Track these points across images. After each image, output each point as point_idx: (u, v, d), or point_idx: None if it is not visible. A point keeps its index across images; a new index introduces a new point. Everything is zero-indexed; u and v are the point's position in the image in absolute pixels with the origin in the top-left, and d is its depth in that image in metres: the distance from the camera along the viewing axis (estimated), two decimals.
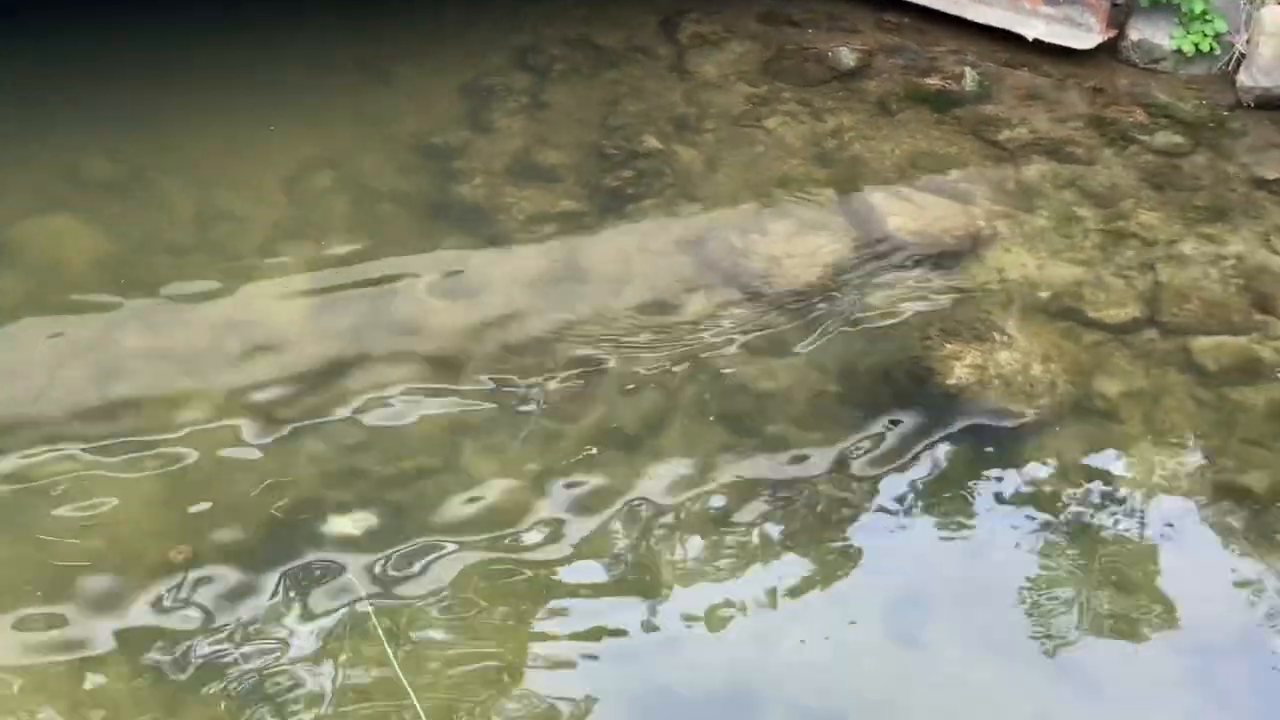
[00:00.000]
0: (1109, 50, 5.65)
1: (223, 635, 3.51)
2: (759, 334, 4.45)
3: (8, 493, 3.77)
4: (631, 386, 4.26)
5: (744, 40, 5.72)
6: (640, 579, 3.76)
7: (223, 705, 3.38)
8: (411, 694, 3.40)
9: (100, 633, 3.50)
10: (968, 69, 5.61)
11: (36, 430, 3.95)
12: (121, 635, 3.49)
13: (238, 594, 3.59)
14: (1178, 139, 5.32)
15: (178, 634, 3.50)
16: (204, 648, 3.48)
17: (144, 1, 5.31)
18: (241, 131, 5.01)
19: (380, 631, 3.53)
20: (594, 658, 3.58)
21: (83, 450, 3.90)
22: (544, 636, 3.61)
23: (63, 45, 5.17)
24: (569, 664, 3.56)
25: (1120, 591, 3.82)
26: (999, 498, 4.06)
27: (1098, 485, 4.09)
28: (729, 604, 3.71)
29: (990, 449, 4.15)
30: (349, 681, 3.45)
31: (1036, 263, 4.77)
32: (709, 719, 3.50)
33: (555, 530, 3.84)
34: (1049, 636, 3.72)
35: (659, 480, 4.00)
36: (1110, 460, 4.17)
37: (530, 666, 3.54)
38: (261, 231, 4.65)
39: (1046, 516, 4.01)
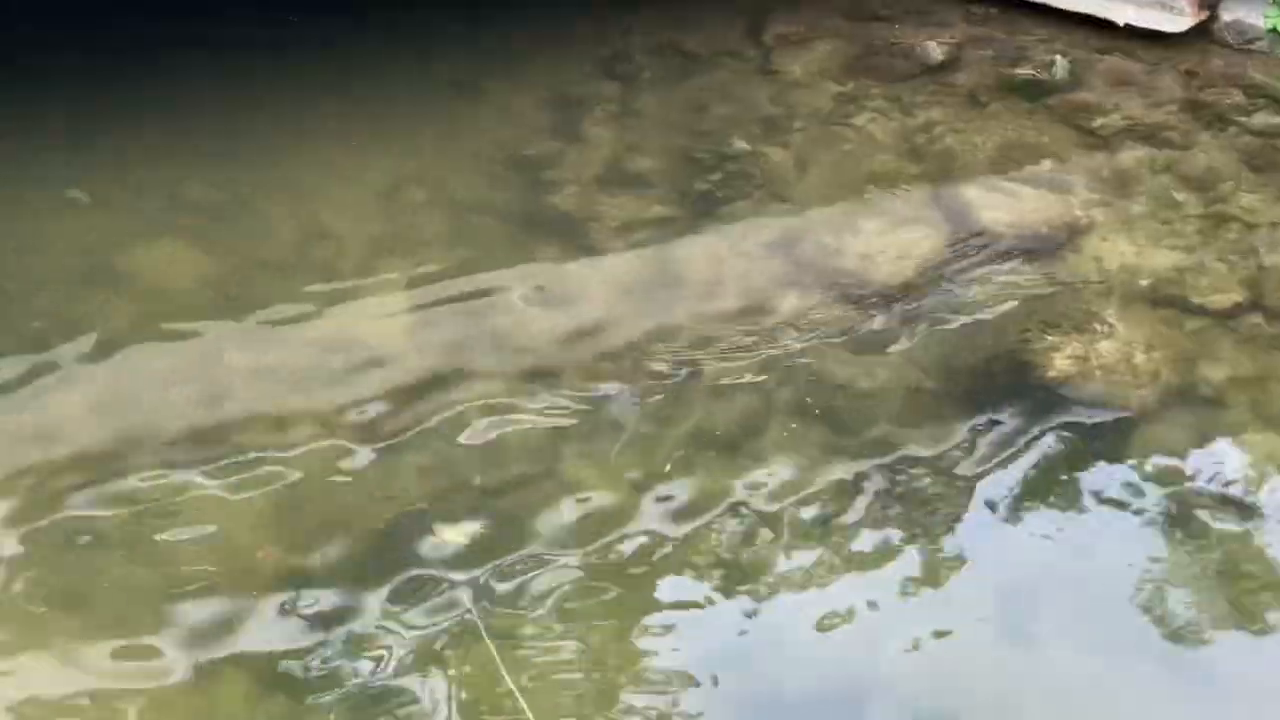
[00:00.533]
0: (1201, 32, 5.56)
1: (336, 649, 3.56)
2: (855, 333, 4.44)
3: (121, 514, 3.85)
4: (728, 389, 4.27)
5: (830, 39, 5.70)
6: (745, 582, 3.76)
7: (338, 712, 3.44)
8: (523, 704, 3.44)
9: (216, 650, 3.56)
10: (1058, 57, 5.55)
11: (147, 452, 4.03)
12: (237, 652, 3.55)
13: (349, 608, 3.64)
14: (1277, 120, 5.22)
15: (292, 649, 3.56)
16: (317, 662, 3.54)
17: (237, 29, 5.42)
18: (337, 151, 5.09)
19: (489, 641, 3.57)
20: (702, 662, 3.58)
21: (193, 470, 3.98)
22: (651, 642, 3.62)
23: (159, 75, 5.28)
24: (677, 669, 3.56)
25: (1233, 581, 3.75)
26: (1106, 489, 4.00)
27: (1206, 474, 4.03)
28: (836, 605, 3.70)
29: (1095, 440, 4.10)
30: (461, 692, 3.49)
31: (1135, 250, 4.70)
32: (819, 718, 3.50)
33: (658, 536, 3.85)
34: (1162, 630, 3.66)
35: (759, 483, 4.00)
36: (1218, 448, 4.10)
37: (639, 671, 3.56)
38: (360, 249, 4.72)
39: (1155, 507, 3.95)
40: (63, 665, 3.51)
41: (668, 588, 3.74)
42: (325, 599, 3.67)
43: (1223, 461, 4.06)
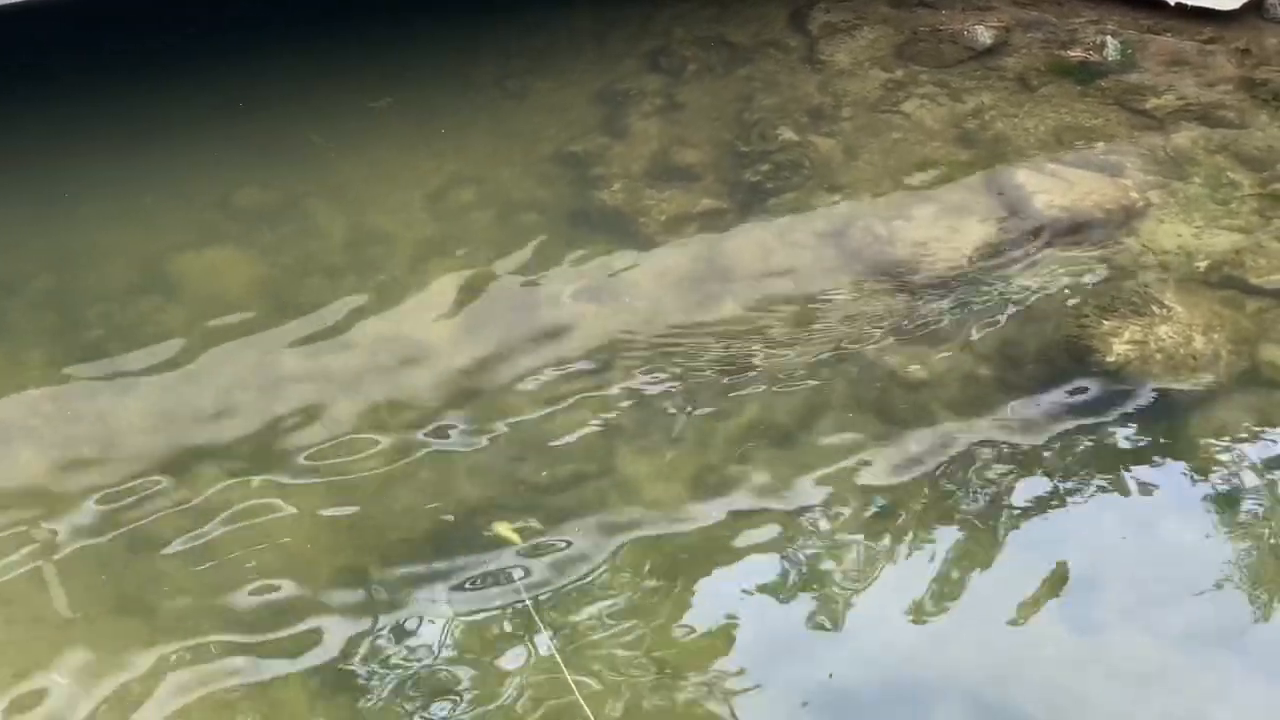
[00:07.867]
0: (1254, 9, 5.49)
1: (396, 648, 3.58)
2: (909, 322, 4.40)
3: (182, 520, 3.88)
4: (782, 382, 4.24)
5: (875, 25, 5.66)
6: (803, 574, 3.75)
7: (399, 711, 3.45)
8: (580, 698, 3.44)
9: (278, 651, 3.58)
10: (1109, 38, 5.48)
11: (205, 457, 4.06)
12: (299, 653, 3.58)
13: (408, 606, 3.66)
14: None
15: (353, 648, 3.58)
16: (378, 661, 3.56)
17: (286, 33, 5.45)
18: (385, 153, 5.11)
19: (547, 636, 3.57)
20: (763, 655, 3.57)
21: (250, 474, 4.00)
22: (710, 636, 3.62)
23: (207, 83, 5.32)
24: (737, 662, 3.56)
25: None
26: (1168, 474, 3.96)
27: (1270, 455, 3.97)
28: (895, 595, 3.68)
29: (1156, 424, 4.06)
30: (519, 687, 3.50)
31: (1193, 231, 4.65)
32: (882, 712, 3.48)
33: (714, 529, 3.84)
34: (1229, 616, 3.62)
35: (816, 475, 3.98)
36: None
37: (697, 666, 3.55)
38: (410, 250, 4.73)
39: (1218, 491, 3.91)
40: (126, 671, 3.53)
41: (724, 582, 3.73)
42: (384, 598, 3.68)
43: None
